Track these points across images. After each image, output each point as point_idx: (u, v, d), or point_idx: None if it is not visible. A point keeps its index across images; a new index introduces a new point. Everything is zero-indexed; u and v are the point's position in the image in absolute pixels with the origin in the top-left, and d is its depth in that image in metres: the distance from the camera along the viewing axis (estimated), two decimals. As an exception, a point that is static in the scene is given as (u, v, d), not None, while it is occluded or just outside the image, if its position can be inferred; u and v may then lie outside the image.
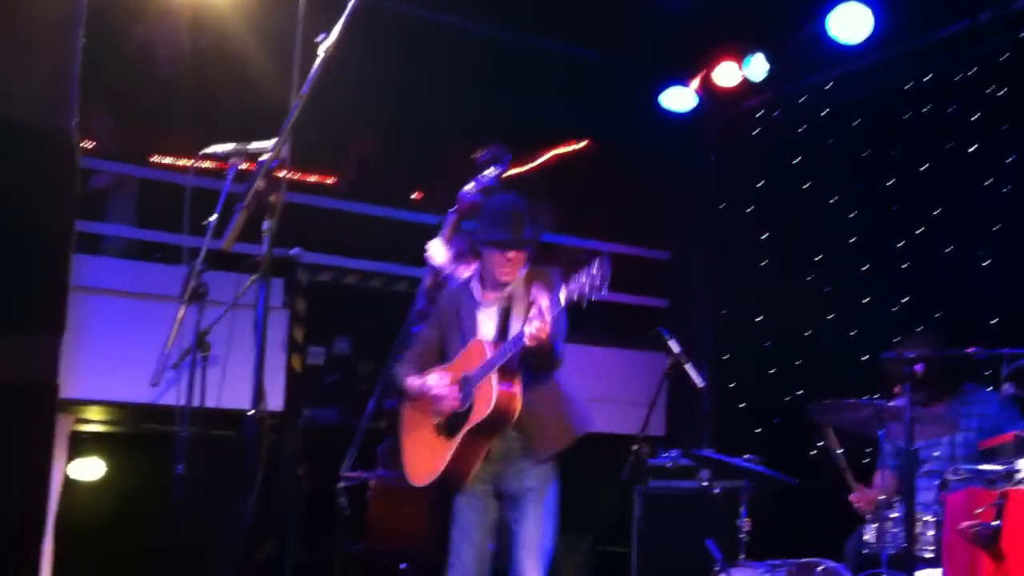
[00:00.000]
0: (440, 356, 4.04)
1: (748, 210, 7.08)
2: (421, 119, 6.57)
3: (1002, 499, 2.15)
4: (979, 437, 4.15)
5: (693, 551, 4.67)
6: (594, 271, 3.48)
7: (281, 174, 2.26)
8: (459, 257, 4.41)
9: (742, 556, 4.55)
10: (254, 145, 2.50)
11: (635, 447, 4.98)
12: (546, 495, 3.90)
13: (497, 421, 3.78)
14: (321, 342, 6.33)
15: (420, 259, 4.58)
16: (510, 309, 3.94)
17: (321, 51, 2.32)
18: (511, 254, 3.92)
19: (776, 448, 6.02)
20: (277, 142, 2.23)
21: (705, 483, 5.41)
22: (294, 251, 4.53)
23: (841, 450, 4.37)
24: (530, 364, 3.78)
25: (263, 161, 2.20)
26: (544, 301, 3.55)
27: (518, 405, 3.76)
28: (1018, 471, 2.29)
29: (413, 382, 4.01)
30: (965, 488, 2.55)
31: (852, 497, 4.43)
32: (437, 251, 4.45)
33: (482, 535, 3.92)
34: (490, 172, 4.45)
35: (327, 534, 4.91)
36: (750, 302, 7.01)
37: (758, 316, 6.95)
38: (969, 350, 3.30)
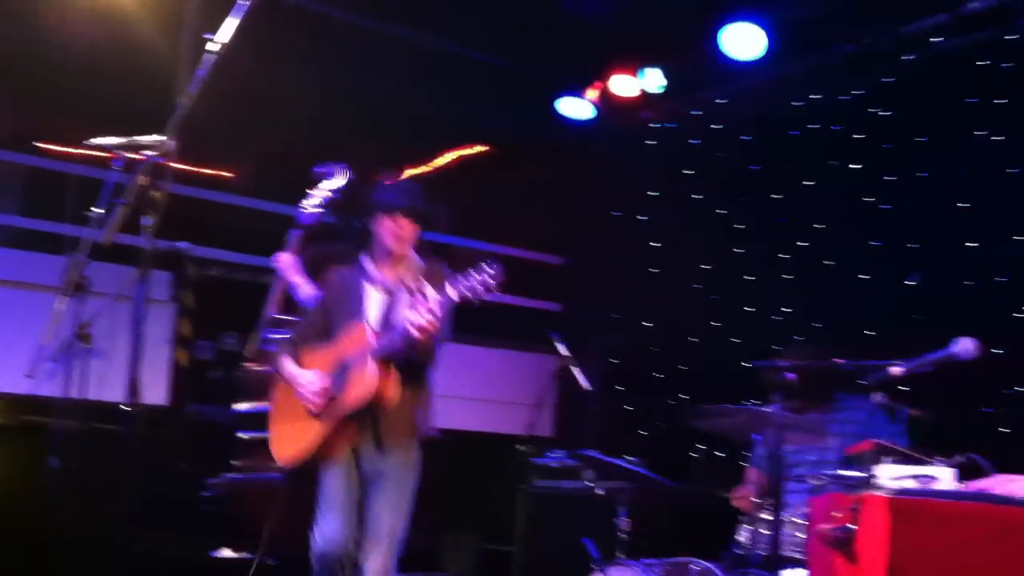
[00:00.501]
0: (324, 334, 4.03)
1: (642, 218, 7.24)
2: (322, 117, 6.53)
3: (857, 504, 2.25)
4: (849, 444, 4.32)
5: (575, 550, 4.75)
6: (484, 273, 3.54)
7: (168, 168, 2.25)
8: (305, 274, 4.43)
9: (620, 555, 4.67)
10: (141, 138, 2.48)
11: (520, 447, 5.05)
12: (399, 483, 3.89)
13: (372, 408, 3.80)
14: (209, 337, 6.26)
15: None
16: (398, 296, 3.97)
17: (210, 48, 2.31)
18: (403, 222, 3.95)
19: (660, 450, 6.17)
20: (162, 137, 2.22)
21: (589, 483, 5.52)
22: (183, 245, 4.48)
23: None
24: (409, 356, 3.80)
25: (149, 155, 2.19)
26: (433, 294, 3.59)
27: (393, 394, 3.78)
28: (875, 477, 2.40)
29: (288, 368, 4.01)
30: (828, 493, 2.66)
31: (733, 494, 4.59)
32: (287, 264, 4.47)
33: (346, 501, 3.89)
34: (326, 189, 4.48)
35: (204, 530, 4.86)
36: (640, 308, 7.16)
37: (647, 322, 7.10)
38: (837, 360, 3.44)
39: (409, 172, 6.77)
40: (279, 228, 6.38)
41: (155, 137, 2.28)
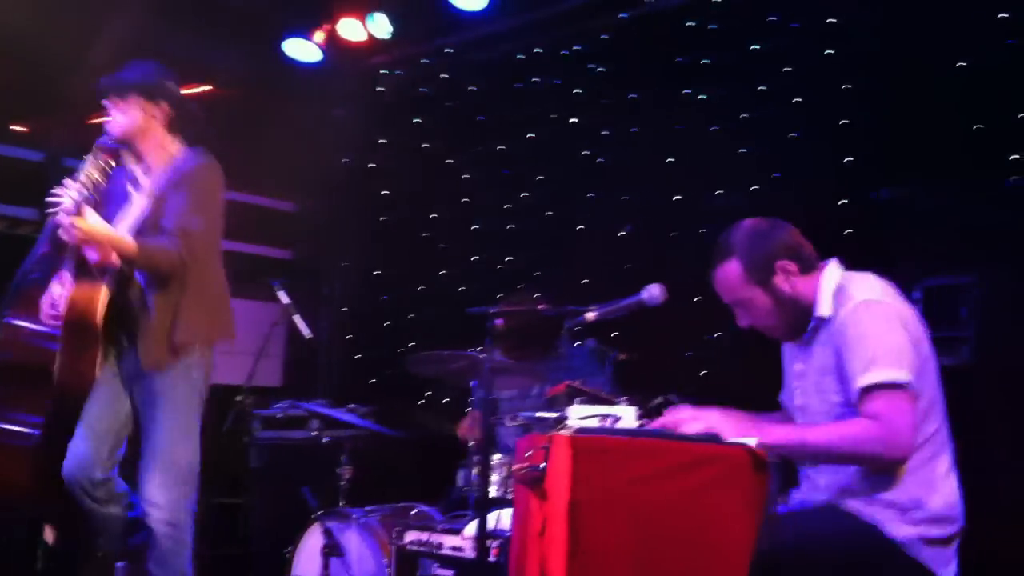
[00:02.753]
0: None
1: (371, 165, 7.20)
2: (34, 49, 6.05)
3: (548, 443, 2.35)
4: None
5: (299, 499, 4.75)
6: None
7: None
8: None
9: (342, 503, 4.69)
10: None
11: (239, 398, 4.95)
12: (167, 403, 3.72)
13: (74, 322, 3.64)
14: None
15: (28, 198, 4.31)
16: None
17: None
18: (106, 101, 3.85)
19: (388, 398, 6.22)
20: None
21: (315, 433, 5.50)
22: None
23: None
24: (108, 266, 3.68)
25: None
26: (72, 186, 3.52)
27: (96, 309, 3.63)
28: (567, 418, 2.51)
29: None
30: (530, 434, 2.76)
31: (459, 426, 4.74)
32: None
33: (94, 421, 3.77)
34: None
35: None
36: (370, 256, 7.15)
37: (376, 270, 7.11)
38: (540, 307, 3.56)
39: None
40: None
41: None
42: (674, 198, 5.57)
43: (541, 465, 2.38)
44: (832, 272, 2.89)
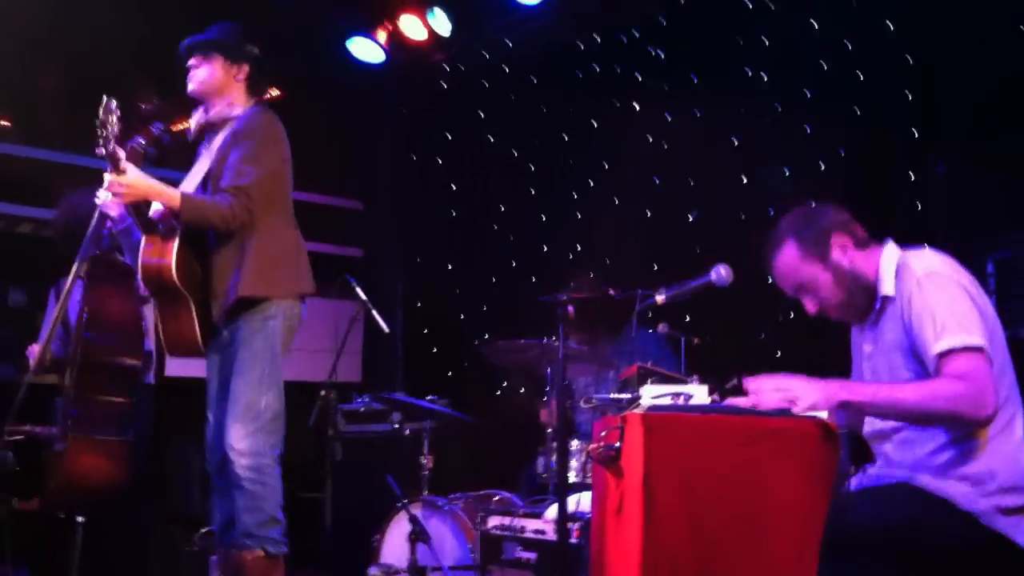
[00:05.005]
0: None
1: (439, 161, 7.31)
2: (98, 59, 6.27)
3: (622, 423, 2.43)
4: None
5: (383, 490, 4.87)
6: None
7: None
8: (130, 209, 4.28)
9: (425, 491, 4.82)
10: None
11: (323, 393, 5.09)
12: (243, 354, 3.76)
13: (154, 285, 3.72)
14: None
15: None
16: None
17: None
18: (190, 60, 3.92)
19: (466, 389, 6.33)
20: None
21: (396, 425, 5.63)
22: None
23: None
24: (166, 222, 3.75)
25: None
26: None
27: (169, 267, 3.68)
28: (640, 398, 2.58)
29: None
30: (605, 416, 2.83)
31: (541, 411, 4.82)
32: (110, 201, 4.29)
33: (212, 386, 3.89)
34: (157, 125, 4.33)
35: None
36: (440, 251, 7.27)
37: (448, 264, 7.22)
38: (610, 291, 3.62)
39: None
40: (61, 179, 6.17)
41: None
42: (740, 179, 5.58)
43: (616, 444, 2.45)
44: (891, 251, 2.91)
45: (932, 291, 2.72)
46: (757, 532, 2.35)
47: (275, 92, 7.30)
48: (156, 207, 3.79)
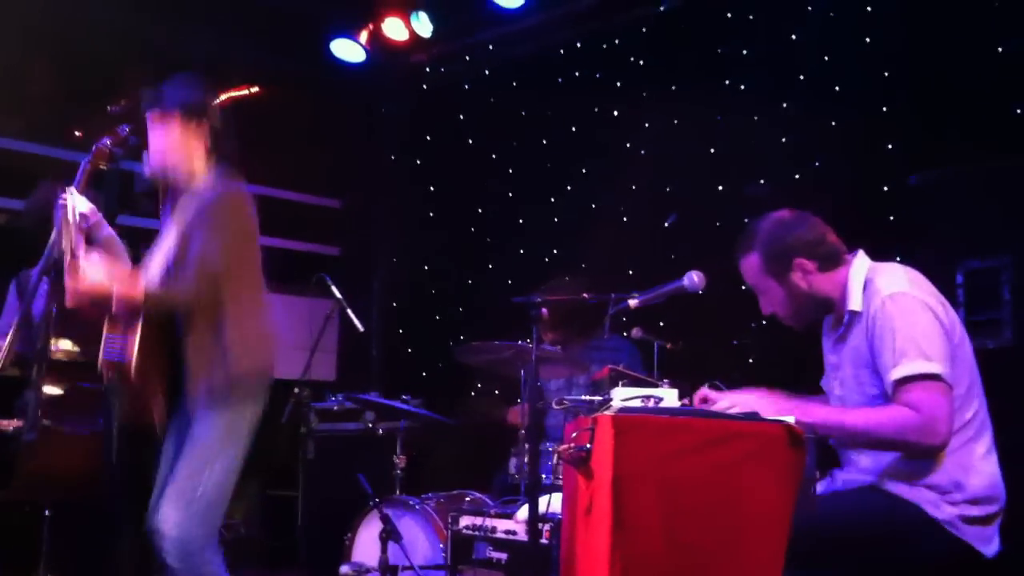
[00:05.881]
0: None
1: (417, 162, 7.34)
2: (88, 57, 6.25)
3: (593, 424, 2.45)
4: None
5: (357, 489, 4.87)
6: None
7: None
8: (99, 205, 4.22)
9: (398, 490, 4.83)
10: None
11: (296, 391, 5.10)
12: (193, 437, 3.56)
13: (116, 378, 3.59)
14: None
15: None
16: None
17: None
18: (148, 114, 3.72)
19: (440, 390, 6.35)
20: None
21: (370, 424, 5.65)
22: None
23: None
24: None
25: None
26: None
27: (129, 367, 3.51)
28: (611, 399, 2.61)
29: None
30: (576, 418, 2.86)
31: (509, 414, 4.84)
32: (80, 201, 4.22)
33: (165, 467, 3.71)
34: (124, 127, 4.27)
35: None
36: (418, 251, 7.29)
37: (425, 265, 7.24)
38: (584, 295, 3.65)
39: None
40: (35, 170, 6.14)
41: None
42: (718, 188, 5.63)
43: (587, 445, 2.48)
44: (860, 266, 2.96)
45: (895, 314, 2.76)
46: (726, 533, 2.38)
47: (254, 89, 7.35)
48: (115, 303, 3.54)
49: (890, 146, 4.99)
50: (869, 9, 5.10)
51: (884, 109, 5.03)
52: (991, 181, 4.05)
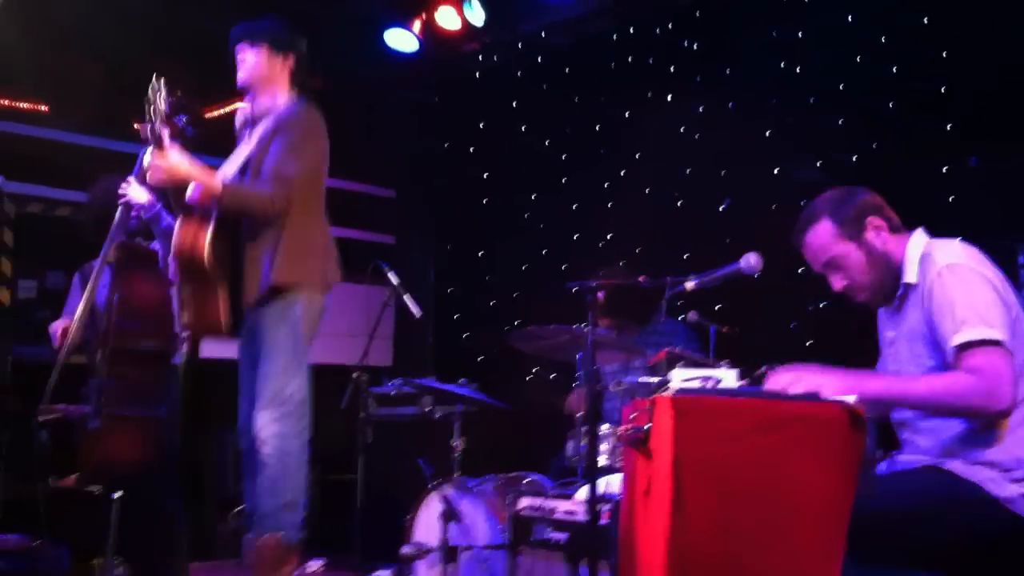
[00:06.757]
0: None
1: (470, 150, 7.38)
2: (138, 48, 6.36)
3: (652, 405, 2.48)
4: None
5: (414, 473, 4.94)
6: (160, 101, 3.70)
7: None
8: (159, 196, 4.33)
9: (456, 473, 4.89)
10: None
11: (355, 375, 5.16)
12: (270, 341, 3.82)
13: (186, 267, 3.78)
14: (33, 275, 6.11)
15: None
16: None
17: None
18: (238, 47, 4.00)
19: (495, 375, 6.39)
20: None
21: (427, 409, 5.70)
22: (-3, 181, 4.37)
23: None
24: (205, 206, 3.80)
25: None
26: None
27: (202, 249, 3.74)
28: (669, 381, 2.63)
29: None
30: (634, 400, 2.88)
31: (567, 402, 4.87)
32: (136, 191, 4.35)
33: (244, 370, 3.94)
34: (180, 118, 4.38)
35: (32, 469, 4.81)
36: (471, 238, 7.34)
37: (479, 251, 7.29)
38: (640, 279, 3.66)
39: (236, 107, 6.69)
40: (99, 163, 6.27)
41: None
42: (772, 171, 5.60)
43: (645, 426, 2.50)
44: (919, 239, 2.95)
45: (953, 283, 2.75)
46: (784, 515, 2.39)
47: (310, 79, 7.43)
48: (193, 190, 3.84)
49: (949, 127, 4.93)
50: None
51: (942, 89, 4.96)
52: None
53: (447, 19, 6.65)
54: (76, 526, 4.76)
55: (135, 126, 6.59)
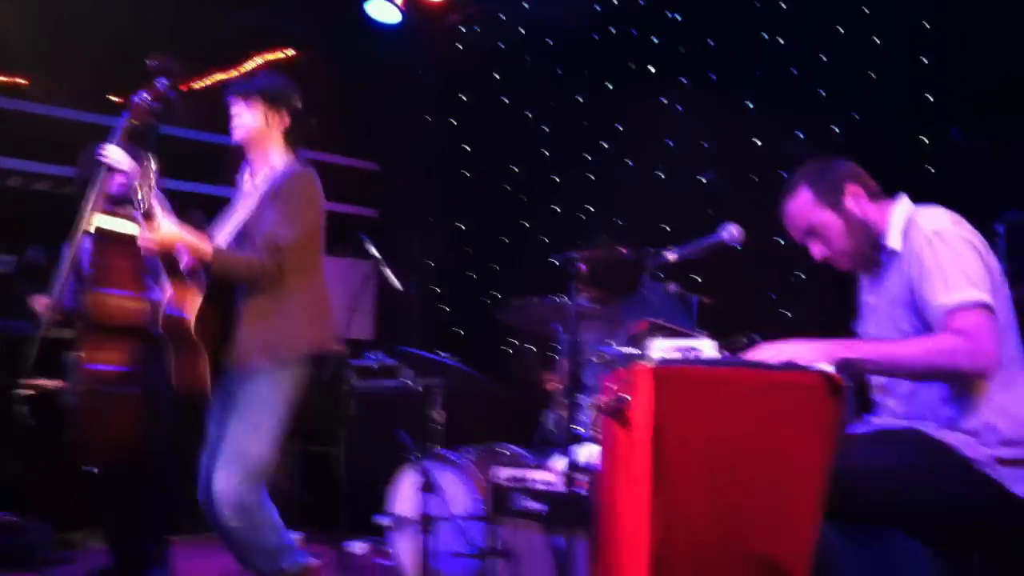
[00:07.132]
0: None
1: (453, 122, 7.34)
2: (120, 21, 6.30)
3: (631, 374, 2.48)
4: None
5: (395, 444, 4.93)
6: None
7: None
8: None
9: (436, 445, 4.90)
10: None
11: (335, 348, 5.14)
12: (245, 398, 3.72)
13: (173, 333, 3.72)
14: (11, 250, 6.06)
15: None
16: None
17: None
18: (232, 103, 3.90)
19: (476, 347, 6.40)
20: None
21: (408, 381, 5.70)
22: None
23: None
24: (197, 272, 3.74)
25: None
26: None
27: (190, 320, 3.67)
28: (648, 351, 2.62)
29: None
30: (613, 371, 2.88)
31: (545, 379, 4.86)
32: (120, 155, 4.28)
33: (214, 427, 3.87)
34: (162, 81, 4.31)
35: (13, 445, 4.79)
36: (455, 211, 7.32)
37: (462, 224, 7.27)
38: (621, 249, 3.65)
39: (215, 78, 6.65)
40: (78, 137, 6.21)
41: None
42: (755, 143, 5.59)
43: (624, 396, 2.50)
44: (902, 206, 2.96)
45: (942, 248, 2.77)
46: (764, 482, 2.39)
47: (290, 52, 7.38)
48: (184, 256, 3.77)
49: (930, 98, 4.93)
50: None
51: (925, 61, 4.96)
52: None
53: (430, -10, 6.60)
54: (60, 503, 4.74)
55: (113, 99, 6.56)
